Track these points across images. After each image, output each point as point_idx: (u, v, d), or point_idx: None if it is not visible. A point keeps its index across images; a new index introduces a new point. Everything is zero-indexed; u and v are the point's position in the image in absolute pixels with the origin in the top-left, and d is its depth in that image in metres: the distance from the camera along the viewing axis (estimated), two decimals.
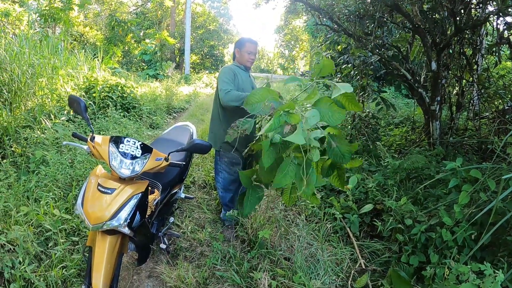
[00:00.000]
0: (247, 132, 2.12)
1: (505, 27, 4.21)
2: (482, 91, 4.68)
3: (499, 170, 2.54)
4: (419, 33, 4.46)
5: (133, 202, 1.88)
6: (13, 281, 2.24)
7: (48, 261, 2.44)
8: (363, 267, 2.70)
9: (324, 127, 1.93)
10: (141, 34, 19.79)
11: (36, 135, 4.18)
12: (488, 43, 4.99)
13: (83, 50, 8.37)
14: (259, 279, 2.47)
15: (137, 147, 2.03)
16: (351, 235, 3.10)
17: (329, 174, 2.07)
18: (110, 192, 1.85)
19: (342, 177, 2.11)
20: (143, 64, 18.30)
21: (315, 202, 2.13)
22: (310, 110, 1.81)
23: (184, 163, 2.34)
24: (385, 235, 2.96)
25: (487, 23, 4.31)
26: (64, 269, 2.40)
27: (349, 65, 5.79)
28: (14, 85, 4.65)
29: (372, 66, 5.45)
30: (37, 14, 10.13)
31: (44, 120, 4.63)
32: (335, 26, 5.23)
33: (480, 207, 2.34)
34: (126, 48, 18.74)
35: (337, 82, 1.88)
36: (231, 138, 2.18)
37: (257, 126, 2.49)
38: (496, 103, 4.90)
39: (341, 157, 1.86)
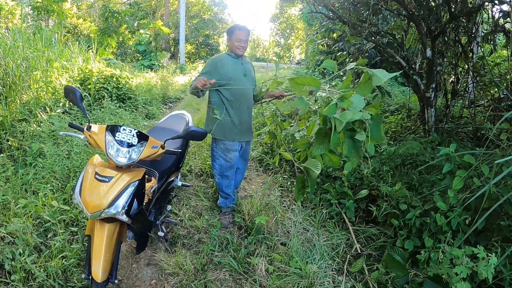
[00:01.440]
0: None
1: (500, 15, 4.21)
2: (478, 79, 4.70)
3: (492, 156, 2.57)
4: (413, 20, 4.45)
5: (130, 189, 1.90)
6: (13, 272, 2.26)
7: (47, 251, 2.47)
8: (359, 251, 2.74)
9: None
10: (135, 24, 19.58)
11: (32, 128, 4.17)
12: (484, 31, 4.99)
13: (77, 42, 8.30)
14: (256, 264, 2.51)
15: (133, 135, 2.04)
16: (346, 220, 3.14)
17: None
18: (107, 180, 1.87)
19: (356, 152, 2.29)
20: (138, 54, 18.14)
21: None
22: (354, 95, 2.03)
23: (180, 150, 2.36)
24: (380, 220, 3.00)
25: (483, 11, 4.31)
26: (64, 259, 2.43)
27: (344, 52, 5.79)
28: (8, 79, 4.62)
29: (367, 54, 5.45)
30: (30, 7, 10.01)
31: (39, 113, 4.62)
32: (330, 13, 5.20)
33: (474, 192, 2.37)
34: (121, 39, 18.57)
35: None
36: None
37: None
38: (491, 91, 4.92)
39: (375, 134, 2.11)
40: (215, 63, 2.93)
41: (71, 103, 2.30)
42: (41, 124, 4.37)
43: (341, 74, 7.12)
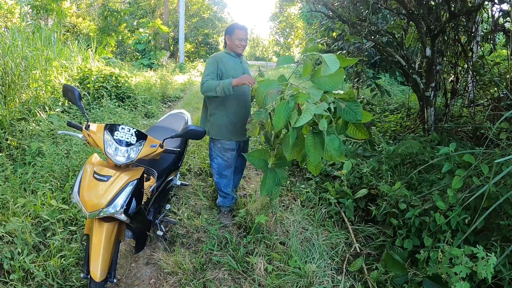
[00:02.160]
0: (263, 121, 2.29)
1: (500, 14, 4.21)
2: (477, 78, 4.69)
3: (492, 155, 2.56)
4: (413, 19, 4.45)
5: (128, 188, 1.90)
6: (12, 272, 2.26)
7: (46, 251, 2.47)
8: (358, 251, 2.74)
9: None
10: (135, 23, 19.53)
11: (31, 127, 4.17)
12: (484, 30, 4.98)
13: (76, 41, 8.30)
14: (255, 263, 2.51)
15: (132, 134, 2.04)
16: (346, 219, 3.14)
17: (342, 131, 2.23)
18: (106, 179, 1.86)
19: (360, 128, 2.24)
20: (137, 53, 18.10)
21: (341, 159, 2.21)
22: (310, 86, 2.00)
23: (179, 149, 2.35)
24: (379, 220, 3.00)
25: (483, 10, 4.30)
26: (63, 258, 2.42)
27: (344, 51, 5.78)
28: (7, 78, 4.62)
29: (366, 53, 5.44)
30: (29, 6, 10.00)
31: (38, 112, 4.61)
32: (330, 12, 5.20)
33: (474, 191, 2.37)
34: (120, 38, 18.53)
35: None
36: (252, 133, 2.41)
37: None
38: (491, 90, 4.91)
39: (353, 114, 2.02)
40: (216, 61, 2.91)
41: (69, 102, 2.30)
42: (40, 123, 4.37)
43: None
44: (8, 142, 3.89)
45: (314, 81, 2.11)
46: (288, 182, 3.97)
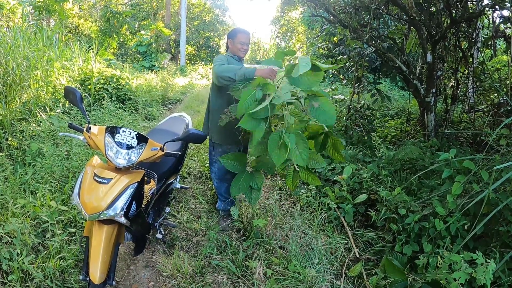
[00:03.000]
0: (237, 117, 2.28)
1: (501, 20, 4.22)
2: (478, 84, 4.70)
3: (492, 161, 2.57)
4: (414, 25, 4.47)
5: (129, 191, 1.90)
6: (11, 272, 2.25)
7: (45, 252, 2.46)
8: (357, 256, 2.74)
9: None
10: (136, 25, 19.64)
11: (31, 128, 4.17)
12: (484, 36, 5.00)
13: (78, 42, 8.30)
14: (255, 267, 2.51)
15: (132, 137, 2.04)
16: (345, 224, 3.13)
17: (322, 148, 2.21)
18: (106, 182, 1.87)
19: (337, 147, 2.24)
20: (138, 55, 18.17)
21: (315, 183, 2.20)
22: (284, 81, 2.01)
23: (179, 153, 2.36)
24: (379, 225, 3.00)
25: (483, 16, 4.32)
26: (62, 260, 2.42)
27: (345, 56, 5.80)
28: (9, 78, 4.63)
29: (367, 58, 5.46)
30: (31, 6, 10.03)
31: (39, 113, 4.61)
32: (331, 17, 5.22)
33: (473, 197, 2.37)
34: (121, 40, 18.56)
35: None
36: (223, 123, 2.41)
37: None
38: (491, 96, 4.92)
39: (326, 116, 1.96)
40: (226, 59, 2.87)
41: (71, 103, 2.30)
42: (41, 124, 4.37)
43: (341, 77, 7.13)
44: (8, 142, 3.89)
45: (289, 78, 2.06)
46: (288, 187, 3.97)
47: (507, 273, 2.06)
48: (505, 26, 4.20)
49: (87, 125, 2.07)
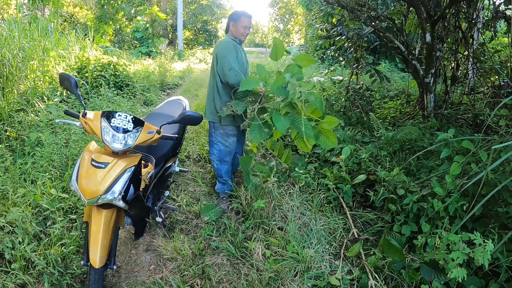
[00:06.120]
0: (238, 112, 2.59)
1: (501, 1, 4.15)
2: (478, 65, 4.65)
3: (491, 142, 2.55)
4: (413, 5, 4.40)
5: (126, 175, 1.90)
6: (13, 261, 2.27)
7: (47, 239, 2.49)
8: (356, 236, 2.76)
9: None
10: (132, 11, 19.34)
11: (30, 118, 4.17)
12: (485, 17, 4.92)
13: (74, 31, 8.22)
14: (253, 248, 2.53)
15: (128, 121, 2.03)
16: (344, 205, 3.15)
17: (318, 137, 2.57)
18: (103, 166, 1.87)
19: (330, 135, 2.57)
20: (135, 41, 17.98)
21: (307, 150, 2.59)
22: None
23: (177, 136, 2.35)
24: (377, 205, 3.01)
25: None
26: (63, 247, 2.45)
27: (343, 37, 5.73)
28: (5, 69, 4.61)
29: (366, 38, 5.39)
30: None
31: (37, 103, 4.60)
32: None
33: (472, 178, 2.36)
34: (118, 26, 18.38)
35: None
36: (224, 115, 2.61)
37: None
38: (492, 78, 4.88)
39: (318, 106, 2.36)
40: (234, 48, 2.87)
41: (66, 90, 2.29)
42: (39, 113, 4.37)
43: (341, 59, 7.06)
44: (7, 133, 3.89)
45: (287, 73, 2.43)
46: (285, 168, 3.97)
47: (505, 254, 2.05)
48: (505, 7, 4.11)
49: (83, 110, 2.07)
